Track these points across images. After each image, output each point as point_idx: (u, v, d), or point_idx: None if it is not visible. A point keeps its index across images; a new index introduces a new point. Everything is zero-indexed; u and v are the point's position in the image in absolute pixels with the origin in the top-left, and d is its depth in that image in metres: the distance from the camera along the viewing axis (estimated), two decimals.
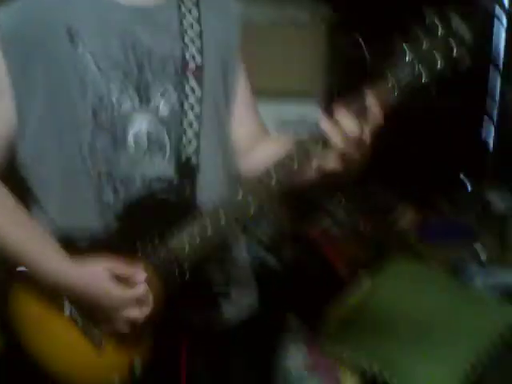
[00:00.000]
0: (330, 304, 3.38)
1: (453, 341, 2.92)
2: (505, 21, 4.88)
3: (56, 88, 1.61)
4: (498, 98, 5.07)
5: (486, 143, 5.19)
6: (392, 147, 4.18)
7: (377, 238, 4.13)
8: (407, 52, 1.50)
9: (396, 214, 4.35)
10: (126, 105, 1.62)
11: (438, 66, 1.51)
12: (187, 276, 1.61)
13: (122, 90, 1.61)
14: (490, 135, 5.20)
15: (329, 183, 1.64)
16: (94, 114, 1.60)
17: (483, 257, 3.73)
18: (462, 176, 5.00)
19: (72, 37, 1.59)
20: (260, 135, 1.87)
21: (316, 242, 4.06)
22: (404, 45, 1.51)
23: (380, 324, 3.01)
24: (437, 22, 1.49)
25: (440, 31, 1.49)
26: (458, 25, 1.48)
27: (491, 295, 3.33)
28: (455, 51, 1.50)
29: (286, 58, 3.78)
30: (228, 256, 1.80)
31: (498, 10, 4.84)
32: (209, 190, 1.68)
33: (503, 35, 4.91)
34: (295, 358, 2.93)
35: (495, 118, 5.17)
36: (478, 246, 3.84)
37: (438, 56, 1.50)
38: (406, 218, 4.29)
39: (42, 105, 1.62)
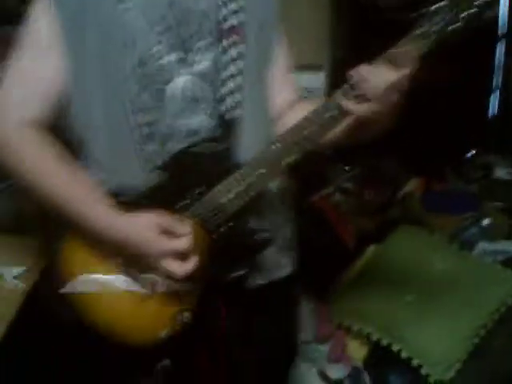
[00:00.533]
0: (338, 274, 3.44)
1: (457, 307, 2.97)
2: None
3: (104, 42, 1.66)
4: (501, 67, 5.08)
5: (488, 112, 5.20)
6: (398, 118, 4.22)
7: (381, 207, 4.17)
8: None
9: (400, 182, 4.37)
10: (166, 59, 1.66)
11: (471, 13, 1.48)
12: (232, 224, 1.68)
13: (166, 45, 1.66)
14: (493, 104, 5.21)
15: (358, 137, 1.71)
16: (140, 66, 1.65)
17: (487, 225, 3.75)
18: (468, 147, 5.02)
19: None
20: (295, 99, 1.92)
21: (322, 211, 4.09)
22: None
23: (385, 291, 3.05)
24: None
25: None
26: None
27: (494, 262, 3.37)
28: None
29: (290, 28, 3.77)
30: (268, 209, 1.84)
31: None
32: (250, 142, 1.71)
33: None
34: (305, 329, 2.96)
35: (498, 88, 5.18)
36: (481, 215, 3.87)
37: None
38: (410, 187, 4.32)
39: (91, 58, 1.67)
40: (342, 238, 3.87)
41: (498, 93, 5.18)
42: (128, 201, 1.65)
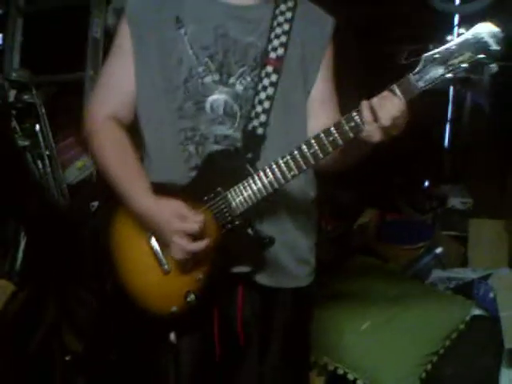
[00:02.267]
0: None
1: (410, 335, 3.04)
2: None
3: (162, 61, 2.02)
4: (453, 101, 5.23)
5: (443, 145, 5.32)
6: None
7: (338, 238, 4.24)
8: (434, 53, 1.74)
9: (356, 214, 4.44)
10: (208, 78, 1.99)
11: (461, 70, 1.73)
12: (237, 223, 1.93)
13: (206, 66, 1.99)
14: (446, 136, 5.34)
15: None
16: (185, 81, 1.99)
17: (440, 253, 3.83)
18: (422, 178, 5.13)
19: (178, 23, 2.01)
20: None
21: None
22: (432, 47, 1.74)
23: (340, 320, 3.11)
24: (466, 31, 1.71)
25: (467, 39, 1.71)
26: (486, 37, 1.69)
27: (447, 289, 3.45)
28: (479, 57, 1.70)
29: None
30: (284, 220, 2.05)
31: None
32: (269, 158, 1.92)
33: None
34: None
35: (451, 120, 5.31)
36: (435, 243, 3.95)
37: (462, 61, 1.71)
38: (366, 218, 4.39)
39: (152, 73, 2.03)
40: None
41: (451, 125, 5.31)
42: (167, 191, 1.96)
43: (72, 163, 3.87)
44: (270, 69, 2.01)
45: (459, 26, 5.06)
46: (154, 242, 1.99)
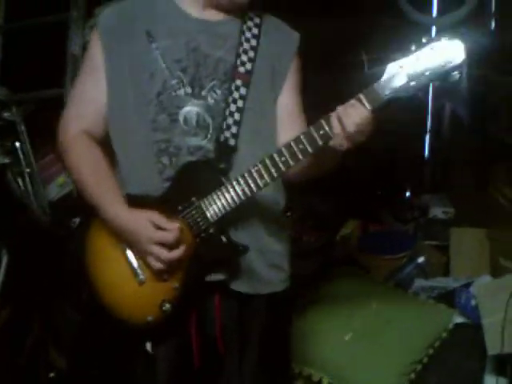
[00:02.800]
0: None
1: (393, 344, 3.06)
2: None
3: (134, 75, 2.07)
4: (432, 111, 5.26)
5: (424, 155, 5.35)
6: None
7: (320, 250, 4.25)
8: (399, 63, 1.79)
9: (338, 225, 4.45)
10: (181, 91, 2.05)
11: (425, 77, 1.77)
12: (211, 231, 1.99)
13: (179, 79, 2.05)
14: (426, 146, 5.37)
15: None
16: (158, 94, 2.05)
17: (422, 262, 3.85)
18: (403, 188, 5.15)
19: (149, 37, 2.07)
20: None
21: None
22: (397, 56, 1.79)
23: (324, 331, 3.13)
24: (430, 42, 1.76)
25: (432, 49, 1.75)
26: (449, 46, 1.74)
27: (429, 299, 3.46)
28: (443, 67, 1.75)
29: None
30: (256, 227, 2.11)
31: None
32: (244, 168, 1.98)
33: None
34: None
35: (431, 131, 5.35)
36: (417, 253, 3.97)
37: (426, 68, 1.76)
38: (348, 229, 4.41)
39: (124, 86, 2.08)
40: None
41: (430, 135, 5.35)
42: (141, 202, 2.02)
43: (53, 180, 3.86)
44: (239, 82, 2.08)
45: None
46: (128, 252, 2.03)
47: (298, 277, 3.83)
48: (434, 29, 5.11)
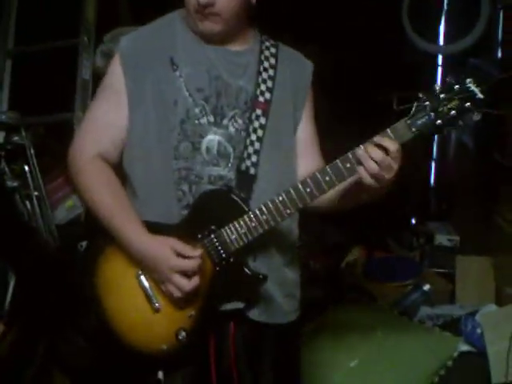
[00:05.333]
0: None
1: (398, 371, 3.05)
2: None
3: (157, 101, 2.07)
4: (438, 139, 5.28)
5: (429, 182, 5.36)
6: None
7: (327, 276, 4.25)
8: (425, 101, 1.82)
9: (344, 252, 4.46)
10: (204, 119, 2.05)
11: (450, 115, 1.80)
12: (232, 261, 1.98)
13: (202, 110, 2.05)
14: (431, 173, 5.38)
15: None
16: (181, 122, 2.05)
17: (428, 290, 3.85)
18: (408, 215, 5.16)
19: (173, 65, 2.08)
20: (316, 168, 2.07)
21: None
22: (423, 95, 1.83)
23: (328, 359, 3.12)
24: (453, 82, 1.80)
25: (455, 89, 1.80)
26: (472, 86, 1.79)
27: (435, 326, 3.46)
28: (466, 106, 1.79)
29: None
30: (274, 254, 2.11)
31: None
32: (263, 197, 1.98)
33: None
34: None
35: (436, 158, 5.36)
36: (422, 280, 3.97)
37: (451, 107, 1.80)
38: (353, 256, 4.41)
39: (147, 112, 2.07)
40: None
41: (436, 163, 5.36)
42: (159, 230, 2.00)
43: (61, 203, 3.89)
44: (259, 112, 2.09)
45: (443, 66, 5.16)
46: (142, 278, 2.00)
47: (305, 303, 3.91)
48: (440, 57, 5.18)
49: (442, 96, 1.80)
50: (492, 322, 3.21)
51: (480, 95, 1.77)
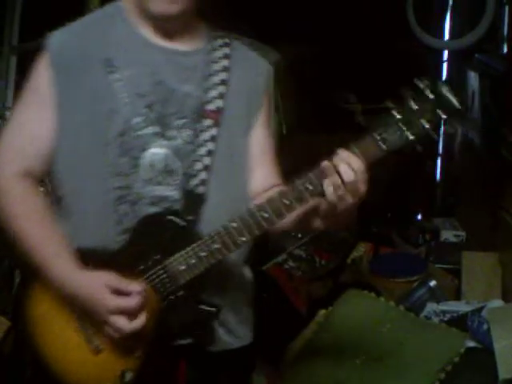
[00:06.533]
0: (290, 339, 3.50)
1: (404, 368, 3.02)
2: None
3: (91, 109, 1.81)
4: (443, 135, 5.27)
5: (435, 178, 5.36)
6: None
7: (332, 272, 4.25)
8: (394, 113, 1.62)
9: (350, 248, 4.45)
10: (146, 130, 1.80)
11: (423, 129, 1.61)
12: (181, 293, 1.77)
13: (144, 117, 1.80)
14: (437, 169, 5.38)
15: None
16: (119, 135, 1.79)
17: (434, 286, 3.83)
18: (414, 211, 5.15)
19: (109, 67, 1.81)
20: (274, 180, 1.99)
21: (275, 279, 4.17)
22: (392, 106, 1.63)
23: (333, 355, 3.11)
24: (426, 88, 1.61)
25: (428, 97, 1.61)
26: (447, 94, 1.60)
27: (441, 323, 3.44)
28: (441, 117, 1.60)
29: None
30: (226, 281, 1.92)
31: None
32: (214, 219, 1.78)
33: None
34: None
35: (441, 154, 5.35)
36: (428, 276, 3.96)
37: (424, 119, 1.60)
38: (359, 252, 4.40)
39: (79, 122, 1.82)
40: (295, 304, 3.94)
41: (442, 159, 5.36)
42: (96, 258, 1.79)
43: None
44: (209, 122, 1.85)
45: (448, 61, 5.14)
46: (78, 318, 1.80)
47: (311, 299, 3.91)
48: (446, 52, 5.17)
49: (415, 107, 1.60)
50: (499, 318, 3.19)
51: (457, 105, 1.59)
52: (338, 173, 1.61)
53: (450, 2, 4.99)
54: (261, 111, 1.98)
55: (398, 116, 1.61)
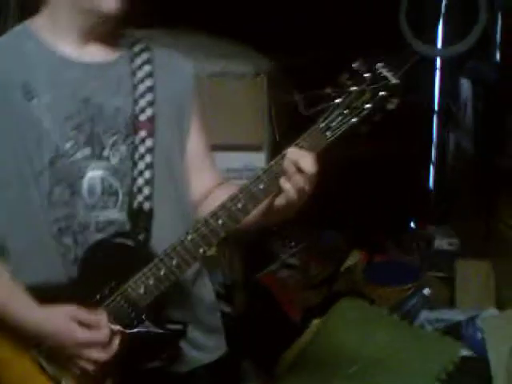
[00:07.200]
0: (283, 348, 3.48)
1: (399, 377, 3.02)
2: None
3: (14, 141, 1.68)
4: (437, 143, 5.29)
5: (428, 186, 5.36)
6: (339, 191, 4.34)
7: (326, 280, 4.24)
8: (335, 99, 1.59)
9: (343, 256, 4.45)
10: (79, 154, 1.69)
11: (366, 110, 1.58)
12: (144, 316, 1.69)
13: (74, 140, 1.69)
14: (431, 178, 5.39)
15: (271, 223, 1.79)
16: (51, 163, 1.67)
17: (428, 294, 3.83)
18: (407, 219, 5.14)
19: (27, 92, 1.68)
20: (215, 184, 1.93)
21: (269, 287, 4.15)
22: (332, 92, 1.60)
23: (327, 364, 3.09)
24: (362, 69, 1.59)
25: (365, 77, 1.57)
26: (383, 71, 1.57)
27: (435, 331, 3.44)
28: (381, 95, 1.57)
29: (230, 110, 3.80)
30: (186, 296, 1.85)
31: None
32: (164, 234, 1.72)
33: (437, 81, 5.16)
34: None
35: (435, 161, 5.36)
36: (422, 284, 3.95)
37: (364, 101, 1.57)
38: (353, 260, 4.39)
39: (4, 153, 1.68)
40: (288, 313, 3.92)
41: (435, 167, 5.36)
42: (47, 294, 1.67)
43: None
44: (143, 133, 1.75)
45: (441, 70, 5.15)
46: (41, 357, 1.70)
47: (305, 307, 3.89)
48: (438, 60, 5.18)
49: (352, 89, 1.57)
50: (493, 327, 3.19)
51: (394, 80, 1.57)
52: (291, 173, 1.57)
53: (443, 10, 4.99)
54: (192, 114, 1.90)
55: (338, 100, 1.58)
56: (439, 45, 5.06)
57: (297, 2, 4.71)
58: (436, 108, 5.30)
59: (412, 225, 5.23)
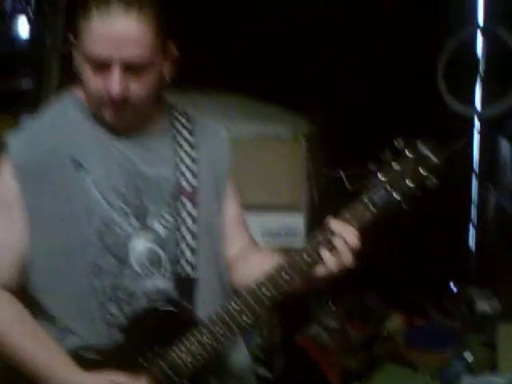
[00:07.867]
0: None
1: None
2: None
3: (63, 213, 1.73)
4: (477, 203, 5.23)
5: (469, 247, 5.29)
6: (380, 254, 4.30)
7: (366, 344, 4.18)
8: (379, 176, 1.66)
9: (383, 319, 4.39)
10: (127, 228, 1.73)
11: (408, 188, 1.66)
12: (184, 381, 1.69)
13: (122, 214, 1.73)
14: (471, 238, 5.32)
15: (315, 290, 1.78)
16: (100, 236, 1.71)
17: (470, 360, 3.76)
18: (448, 281, 5.07)
19: (77, 166, 1.74)
20: (250, 248, 1.95)
21: (307, 351, 4.11)
22: (376, 169, 1.67)
23: None
24: (405, 148, 1.66)
25: (408, 157, 1.66)
26: (425, 151, 1.65)
27: None
28: (423, 174, 1.65)
29: (269, 171, 3.81)
30: (221, 362, 1.83)
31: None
32: (207, 302, 1.75)
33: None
34: None
35: (476, 222, 5.30)
36: (464, 349, 3.88)
37: (407, 179, 1.65)
38: (393, 323, 4.34)
39: (51, 222, 1.73)
40: (328, 378, 3.87)
41: (476, 227, 5.30)
42: (92, 359, 1.70)
43: None
44: (186, 202, 1.80)
45: (480, 132, 5.11)
46: None
47: (344, 372, 3.84)
48: (476, 120, 5.15)
49: (397, 168, 1.65)
50: None
51: (435, 160, 1.65)
52: (334, 243, 1.63)
53: (481, 70, 4.98)
54: (227, 182, 1.93)
55: (383, 178, 1.66)
56: (477, 105, 5.04)
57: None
58: (476, 168, 5.25)
59: (452, 287, 5.15)
